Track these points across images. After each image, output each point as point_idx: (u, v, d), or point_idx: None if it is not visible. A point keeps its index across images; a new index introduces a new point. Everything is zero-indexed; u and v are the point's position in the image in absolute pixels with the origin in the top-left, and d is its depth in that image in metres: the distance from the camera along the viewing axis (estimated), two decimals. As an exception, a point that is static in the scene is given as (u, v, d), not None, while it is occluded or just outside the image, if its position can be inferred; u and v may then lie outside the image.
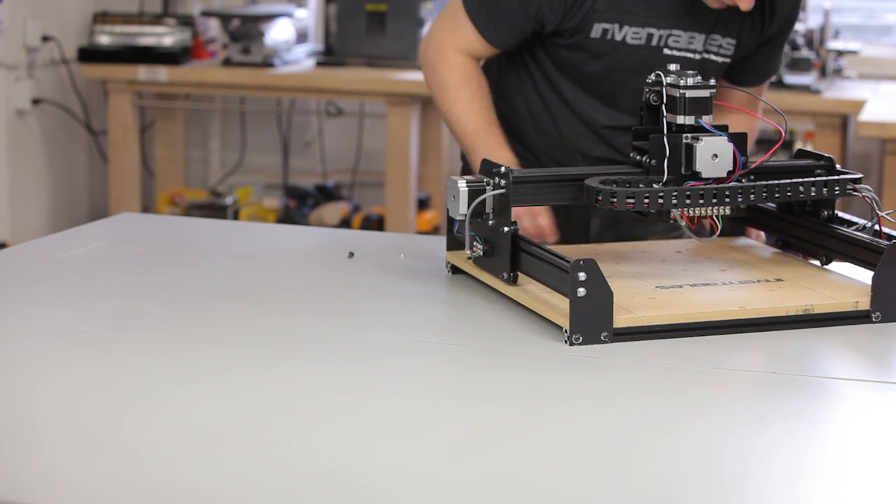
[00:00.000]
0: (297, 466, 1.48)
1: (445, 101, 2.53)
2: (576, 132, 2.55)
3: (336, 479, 1.45)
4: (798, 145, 4.74)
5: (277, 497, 1.41)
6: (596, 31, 2.45)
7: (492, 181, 2.05)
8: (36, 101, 5.30)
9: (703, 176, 2.06)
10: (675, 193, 2.02)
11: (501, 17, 2.48)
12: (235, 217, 5.39)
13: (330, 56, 5.29)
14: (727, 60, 2.53)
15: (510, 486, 1.45)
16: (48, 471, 1.46)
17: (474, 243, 2.09)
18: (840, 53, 4.89)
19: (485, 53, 2.56)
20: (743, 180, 2.09)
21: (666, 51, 2.47)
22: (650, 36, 2.45)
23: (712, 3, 2.41)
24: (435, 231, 5.31)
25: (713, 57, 2.51)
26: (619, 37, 2.45)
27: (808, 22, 4.81)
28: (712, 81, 2.10)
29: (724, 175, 2.07)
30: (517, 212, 2.13)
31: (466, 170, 2.63)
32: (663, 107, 2.09)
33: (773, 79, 4.68)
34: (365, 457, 1.51)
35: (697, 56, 2.49)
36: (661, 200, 2.01)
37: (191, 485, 1.44)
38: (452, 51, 2.54)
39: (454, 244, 2.22)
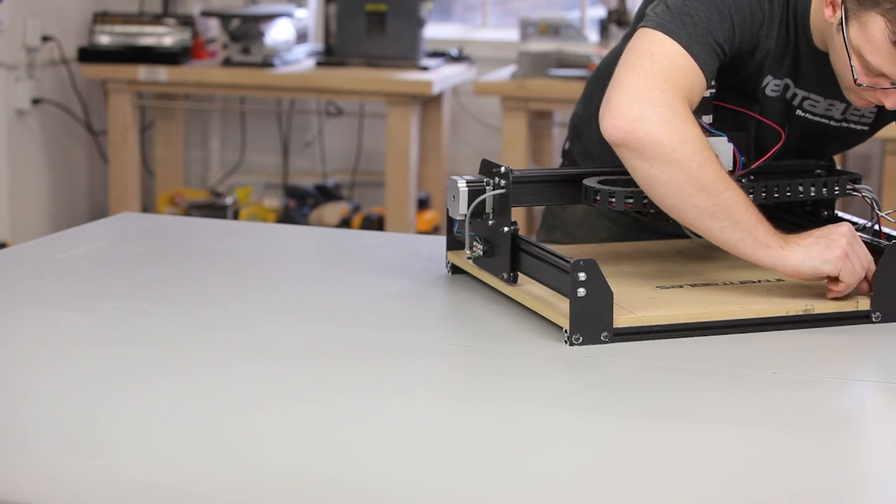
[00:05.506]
0: (297, 466, 1.48)
1: (709, 172, 1.94)
2: None
3: (336, 479, 1.45)
4: (798, 145, 4.73)
5: (277, 497, 1.41)
6: (767, 80, 2.14)
7: (491, 181, 2.05)
8: (36, 101, 5.29)
9: (704, 176, 2.05)
10: (675, 193, 2.01)
11: (713, 37, 2.01)
12: (235, 217, 5.39)
13: (330, 56, 5.29)
14: (866, 128, 2.24)
15: (510, 486, 1.45)
16: (47, 471, 1.46)
17: (474, 243, 2.09)
18: (840, 53, 4.89)
19: (698, 99, 2.03)
20: (743, 180, 2.09)
21: (799, 112, 2.17)
22: (787, 88, 2.15)
23: (858, 103, 2.09)
24: (435, 231, 5.30)
25: (853, 126, 2.22)
26: (762, 83, 2.16)
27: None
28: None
29: (724, 175, 2.06)
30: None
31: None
32: (663, 107, 2.08)
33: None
34: (365, 457, 1.51)
35: (835, 123, 2.20)
36: (661, 200, 2.01)
37: (190, 485, 1.44)
38: (678, 99, 1.96)
39: (454, 244, 2.21)
